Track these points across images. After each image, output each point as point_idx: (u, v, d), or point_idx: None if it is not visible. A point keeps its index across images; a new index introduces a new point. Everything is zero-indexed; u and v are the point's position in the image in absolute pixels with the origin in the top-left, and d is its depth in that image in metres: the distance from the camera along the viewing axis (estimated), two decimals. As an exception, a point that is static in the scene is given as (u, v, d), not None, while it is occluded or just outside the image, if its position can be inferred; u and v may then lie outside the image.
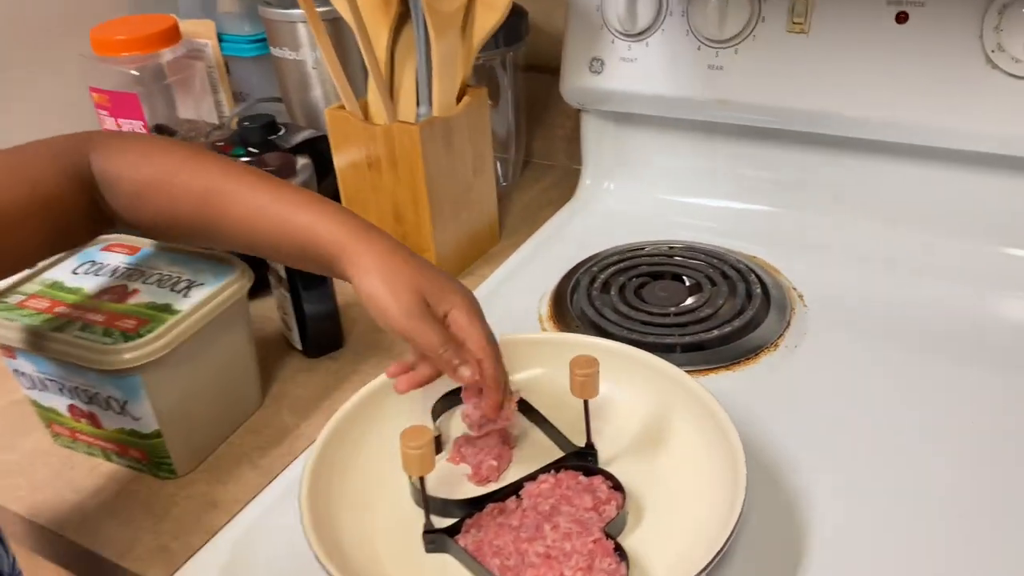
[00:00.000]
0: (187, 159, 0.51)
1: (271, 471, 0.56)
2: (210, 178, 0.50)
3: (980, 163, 0.67)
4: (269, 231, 0.50)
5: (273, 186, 0.51)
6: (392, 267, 0.48)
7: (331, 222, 0.49)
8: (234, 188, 0.50)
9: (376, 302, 0.48)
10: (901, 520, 0.49)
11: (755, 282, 0.69)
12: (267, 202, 0.50)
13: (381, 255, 0.48)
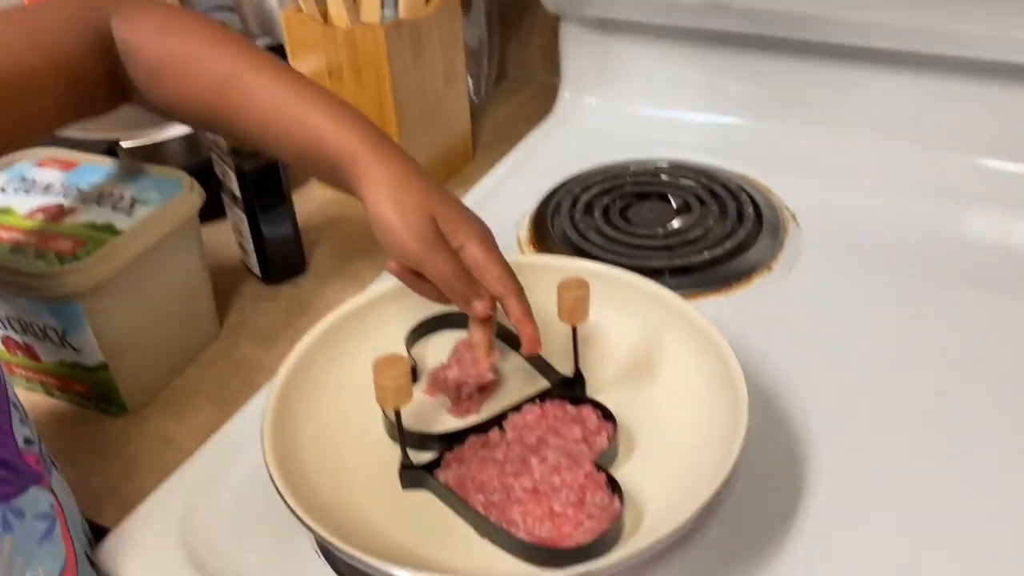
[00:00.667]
0: (210, 40, 0.46)
1: (231, 406, 0.51)
2: (232, 65, 0.46)
3: (978, 72, 0.63)
4: (284, 130, 0.45)
5: (294, 81, 0.46)
6: (406, 188, 0.43)
7: (349, 130, 0.45)
8: (254, 79, 0.45)
9: (384, 222, 0.43)
10: (903, 443, 0.46)
11: (746, 201, 0.65)
12: (287, 99, 0.45)
13: (395, 175, 0.44)
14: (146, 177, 0.52)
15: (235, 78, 0.46)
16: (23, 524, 0.37)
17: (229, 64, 0.46)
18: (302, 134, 0.45)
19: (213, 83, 0.46)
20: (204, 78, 0.46)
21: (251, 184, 0.57)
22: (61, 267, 0.45)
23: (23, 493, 0.37)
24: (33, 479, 0.38)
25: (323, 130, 0.45)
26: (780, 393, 0.50)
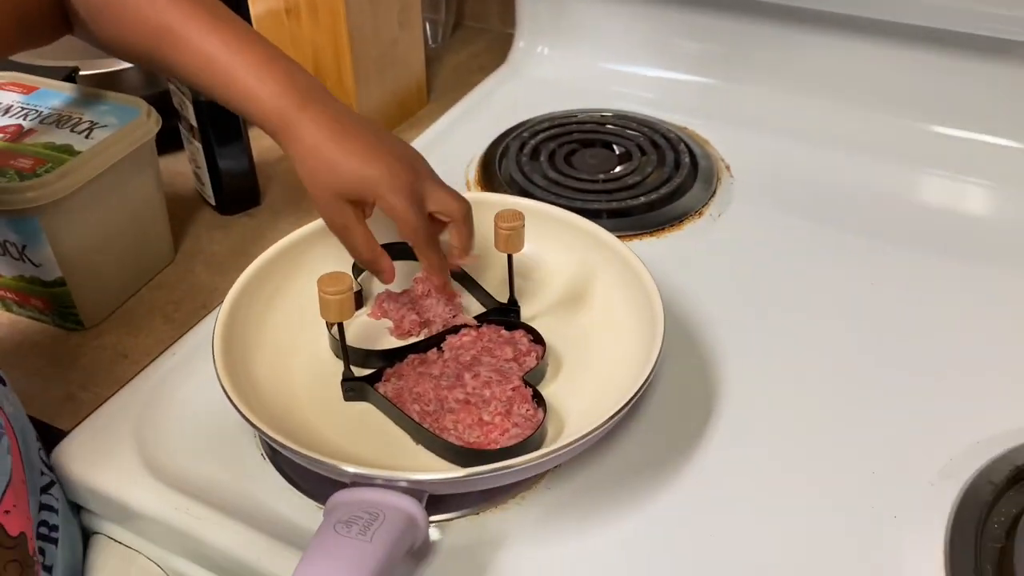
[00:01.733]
0: None
1: (185, 324, 0.54)
2: (165, 16, 0.47)
3: (912, 37, 0.67)
4: (214, 84, 0.47)
5: (225, 32, 0.47)
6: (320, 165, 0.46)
7: (272, 87, 0.46)
8: (186, 32, 0.47)
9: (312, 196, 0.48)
10: (804, 374, 0.51)
11: (684, 152, 0.69)
12: (215, 53, 0.46)
13: (318, 146, 0.46)
14: (105, 103, 0.54)
15: (168, 30, 0.47)
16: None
17: (164, 14, 0.47)
18: (231, 90, 0.47)
19: (147, 32, 0.48)
20: (139, 26, 0.48)
21: (207, 116, 0.59)
22: (21, 183, 0.47)
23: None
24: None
25: (250, 89, 0.47)
26: (699, 324, 0.54)
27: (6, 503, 0.41)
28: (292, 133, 0.47)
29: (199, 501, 0.43)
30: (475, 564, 0.41)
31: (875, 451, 0.46)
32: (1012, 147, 0.66)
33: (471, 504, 0.43)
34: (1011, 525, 0.42)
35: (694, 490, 0.44)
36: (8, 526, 0.41)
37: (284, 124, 0.47)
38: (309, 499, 0.44)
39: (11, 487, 0.41)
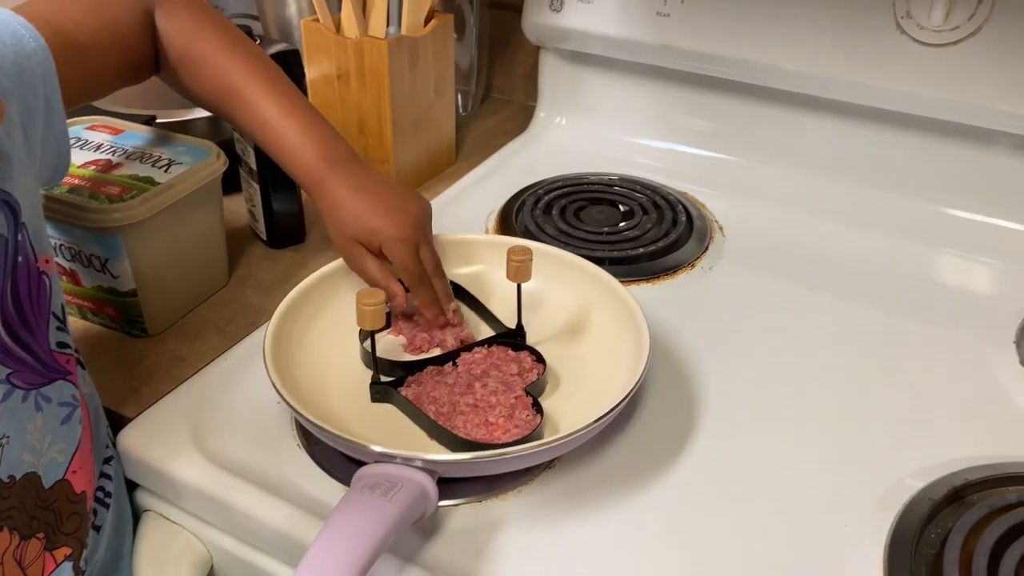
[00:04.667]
0: (227, 49, 0.58)
1: (235, 337, 0.62)
2: (235, 78, 0.57)
3: (891, 121, 0.75)
4: (266, 140, 0.58)
5: (279, 97, 0.58)
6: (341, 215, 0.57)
7: (311, 150, 0.57)
8: (250, 95, 0.57)
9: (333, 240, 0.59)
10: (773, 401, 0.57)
11: (681, 211, 0.77)
12: (268, 115, 0.57)
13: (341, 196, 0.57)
14: (181, 144, 0.64)
15: (233, 90, 0.58)
16: (50, 407, 0.47)
17: (234, 77, 0.58)
18: (280, 148, 0.58)
19: (217, 88, 0.58)
20: (210, 82, 0.58)
21: (267, 162, 0.68)
22: (110, 205, 0.56)
23: (50, 384, 0.47)
24: (60, 374, 0.48)
25: (296, 149, 0.57)
26: (685, 357, 0.61)
27: (74, 464, 0.48)
28: (321, 189, 0.57)
29: (241, 478, 0.51)
30: (476, 544, 0.47)
31: (833, 469, 0.53)
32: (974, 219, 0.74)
33: (475, 493, 0.50)
34: (945, 536, 0.48)
35: (671, 492, 0.51)
36: (74, 483, 0.48)
37: (316, 181, 0.57)
38: (336, 481, 0.51)
39: (79, 452, 0.49)
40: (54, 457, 0.47)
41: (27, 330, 0.45)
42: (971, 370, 0.61)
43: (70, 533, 0.48)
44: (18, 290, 0.45)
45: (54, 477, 0.47)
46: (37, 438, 0.46)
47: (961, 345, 0.63)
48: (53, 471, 0.47)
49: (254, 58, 0.59)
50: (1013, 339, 0.63)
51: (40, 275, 0.46)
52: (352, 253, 0.57)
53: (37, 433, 0.46)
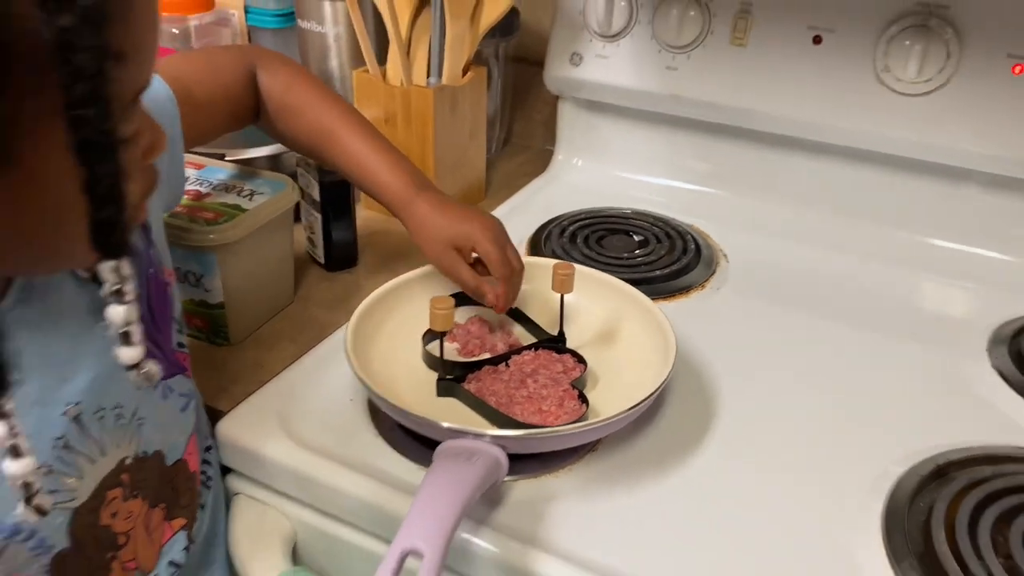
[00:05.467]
0: (319, 100, 0.68)
1: (306, 346, 0.70)
2: (329, 120, 0.67)
3: (874, 161, 0.86)
4: (359, 173, 0.68)
5: (371, 138, 0.68)
6: (431, 224, 0.66)
7: (400, 187, 0.67)
8: (342, 135, 0.67)
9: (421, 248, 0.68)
10: (779, 402, 0.66)
11: (690, 240, 0.86)
12: (364, 153, 0.67)
13: (427, 214, 0.66)
14: (258, 178, 0.72)
15: (331, 132, 0.68)
16: (172, 397, 0.55)
17: (329, 119, 0.68)
18: (372, 179, 0.68)
19: (314, 132, 0.68)
20: (309, 128, 0.68)
21: (328, 196, 0.77)
22: (207, 227, 0.65)
23: (173, 377, 0.55)
24: (180, 370, 0.56)
25: (386, 181, 0.67)
26: (700, 364, 0.70)
27: (189, 448, 0.56)
28: (410, 210, 0.66)
29: (325, 458, 0.58)
30: (534, 511, 0.55)
31: (832, 454, 0.61)
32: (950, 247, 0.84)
33: (532, 471, 0.58)
34: (931, 504, 0.57)
35: (696, 472, 0.59)
36: (189, 464, 0.56)
37: (405, 204, 0.67)
38: (409, 461, 0.59)
39: (192, 437, 0.57)
40: (176, 440, 0.55)
41: (157, 331, 0.54)
42: (949, 375, 0.70)
43: (185, 507, 0.56)
44: (150, 297, 0.53)
45: (174, 457, 0.55)
46: (164, 422, 0.54)
47: (939, 355, 0.72)
48: (174, 452, 0.55)
49: (342, 106, 0.69)
50: (985, 348, 0.73)
51: (165, 285, 0.55)
52: (447, 258, 0.65)
53: (164, 418, 0.54)
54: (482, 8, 0.86)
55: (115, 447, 0.50)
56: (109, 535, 0.51)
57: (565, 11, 0.94)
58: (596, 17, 0.91)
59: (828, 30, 0.83)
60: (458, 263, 0.66)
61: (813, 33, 0.83)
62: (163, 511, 0.54)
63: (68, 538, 0.48)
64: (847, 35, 0.82)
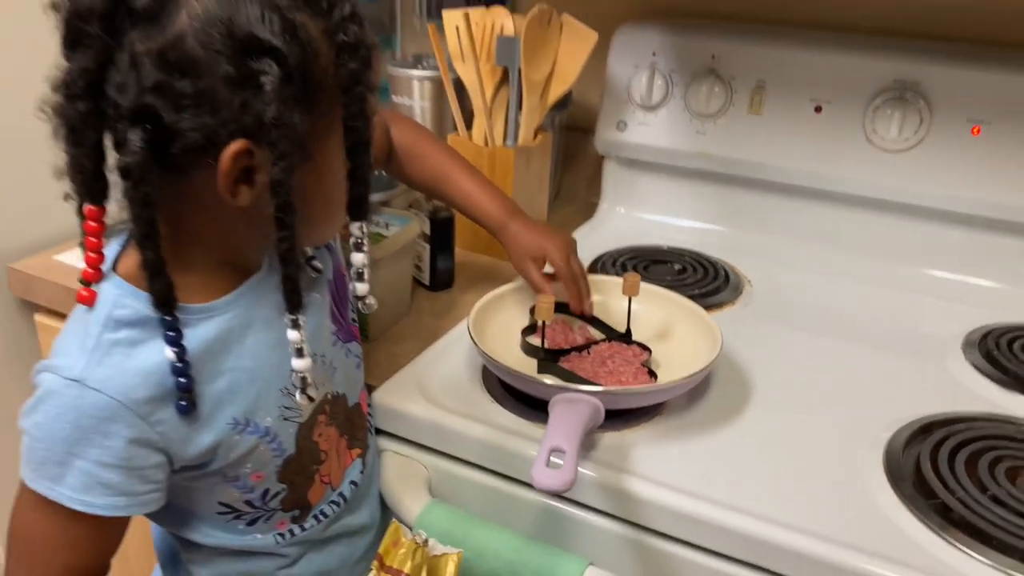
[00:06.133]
0: (436, 148, 0.90)
1: (427, 342, 0.89)
2: (443, 164, 0.88)
3: (868, 205, 1.06)
4: (467, 203, 0.89)
5: (476, 177, 0.89)
6: (521, 239, 0.86)
7: (500, 212, 0.88)
8: (454, 175, 0.88)
9: (510, 257, 0.88)
10: (799, 386, 0.85)
11: (720, 269, 1.06)
12: (471, 189, 0.88)
13: (518, 230, 0.87)
14: (388, 214, 0.93)
15: (446, 173, 0.89)
16: (351, 356, 0.74)
17: (443, 163, 0.89)
18: (478, 209, 0.89)
19: (434, 173, 0.89)
20: (430, 170, 0.89)
21: (437, 230, 0.98)
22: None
23: (350, 342, 0.74)
24: (354, 338, 0.75)
25: (489, 210, 0.88)
26: (736, 358, 0.89)
27: (362, 396, 0.76)
28: (505, 230, 0.87)
29: (452, 413, 0.77)
30: (621, 453, 0.74)
31: (845, 419, 0.80)
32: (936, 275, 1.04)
33: (615, 427, 0.76)
34: (919, 448, 0.75)
35: (736, 431, 0.78)
36: (363, 407, 0.75)
37: (501, 225, 0.87)
38: (514, 415, 0.77)
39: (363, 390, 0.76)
40: (353, 388, 0.74)
41: (342, 307, 0.73)
42: (931, 369, 0.89)
43: (360, 440, 0.75)
44: (337, 281, 0.73)
45: (353, 401, 0.74)
46: (347, 373, 0.73)
47: (924, 357, 0.91)
48: (353, 397, 0.74)
49: (453, 153, 0.91)
50: (960, 346, 0.92)
51: (343, 275, 0.75)
52: (527, 266, 0.86)
53: (347, 370, 0.73)
54: (549, 86, 1.08)
55: (321, 384, 0.69)
56: (316, 450, 0.69)
57: (613, 88, 1.16)
58: (639, 92, 1.13)
59: (827, 101, 1.05)
60: (532, 269, 0.86)
61: (815, 104, 1.05)
62: (347, 440, 0.73)
63: (294, 445, 0.67)
64: (841, 105, 1.04)
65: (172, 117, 0.53)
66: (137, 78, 0.52)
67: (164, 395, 0.59)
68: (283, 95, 0.53)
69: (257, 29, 0.52)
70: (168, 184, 0.56)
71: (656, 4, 1.22)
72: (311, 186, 0.58)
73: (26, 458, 0.60)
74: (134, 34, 0.53)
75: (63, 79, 0.55)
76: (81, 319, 0.60)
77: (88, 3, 0.52)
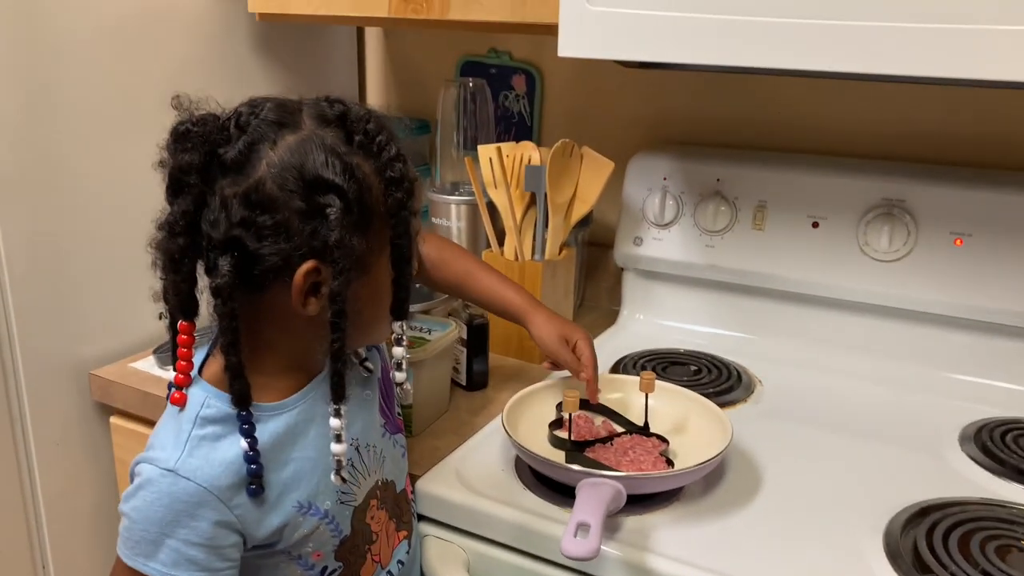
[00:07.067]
0: (459, 255, 1.02)
1: (464, 437, 0.98)
2: (466, 266, 1.00)
3: (864, 310, 1.16)
4: (492, 297, 1.00)
5: (497, 275, 1.01)
6: (549, 326, 0.97)
7: (523, 302, 0.99)
8: (480, 274, 1.00)
9: (541, 341, 0.97)
10: (805, 479, 0.93)
11: (733, 370, 1.16)
12: (494, 284, 0.99)
13: (544, 319, 0.97)
14: (427, 320, 1.04)
15: (470, 274, 1.01)
16: (397, 447, 0.84)
17: (467, 267, 1.01)
18: (502, 302, 0.99)
19: (460, 274, 1.01)
20: (456, 273, 1.01)
21: (473, 337, 1.08)
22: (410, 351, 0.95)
23: (396, 434, 0.84)
24: (400, 431, 0.85)
25: (512, 301, 0.99)
26: (748, 450, 0.97)
27: (407, 484, 0.85)
28: (531, 317, 0.98)
29: (489, 499, 0.86)
30: (642, 535, 0.81)
31: (850, 503, 0.87)
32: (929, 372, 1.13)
33: (637, 512, 0.84)
34: (916, 529, 0.82)
35: (749, 515, 0.85)
36: (408, 493, 0.84)
37: (527, 314, 0.98)
38: (545, 501, 0.85)
39: (408, 477, 0.85)
40: (399, 476, 0.83)
41: (389, 403, 0.83)
42: (929, 460, 0.96)
43: (406, 523, 0.83)
44: (384, 381, 0.83)
45: (400, 487, 0.83)
46: (394, 462, 0.82)
47: (923, 449, 0.98)
48: (399, 483, 0.83)
49: (474, 257, 1.03)
50: (956, 439, 1.00)
51: (389, 373, 0.85)
52: (559, 347, 0.95)
53: (394, 459, 0.82)
54: (573, 207, 1.21)
55: (373, 472, 0.78)
56: (369, 531, 0.78)
57: (629, 208, 1.29)
58: (653, 212, 1.26)
59: (823, 218, 1.16)
60: (564, 349, 0.96)
61: (812, 220, 1.17)
62: (395, 523, 0.82)
63: (350, 526, 0.75)
64: (836, 221, 1.15)
65: (255, 245, 0.66)
66: (227, 216, 0.66)
67: (242, 482, 0.69)
68: (344, 222, 0.66)
69: (323, 171, 0.66)
70: (248, 300, 0.68)
71: (666, 134, 1.37)
72: (365, 296, 0.70)
73: (123, 537, 0.69)
74: (223, 181, 0.66)
75: (166, 220, 0.68)
76: (174, 417, 0.71)
77: (188, 159, 0.66)
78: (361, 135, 0.68)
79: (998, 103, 1.15)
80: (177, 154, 0.66)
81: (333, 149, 0.66)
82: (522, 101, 1.48)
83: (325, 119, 0.68)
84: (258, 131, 0.66)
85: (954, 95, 1.17)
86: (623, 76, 1.37)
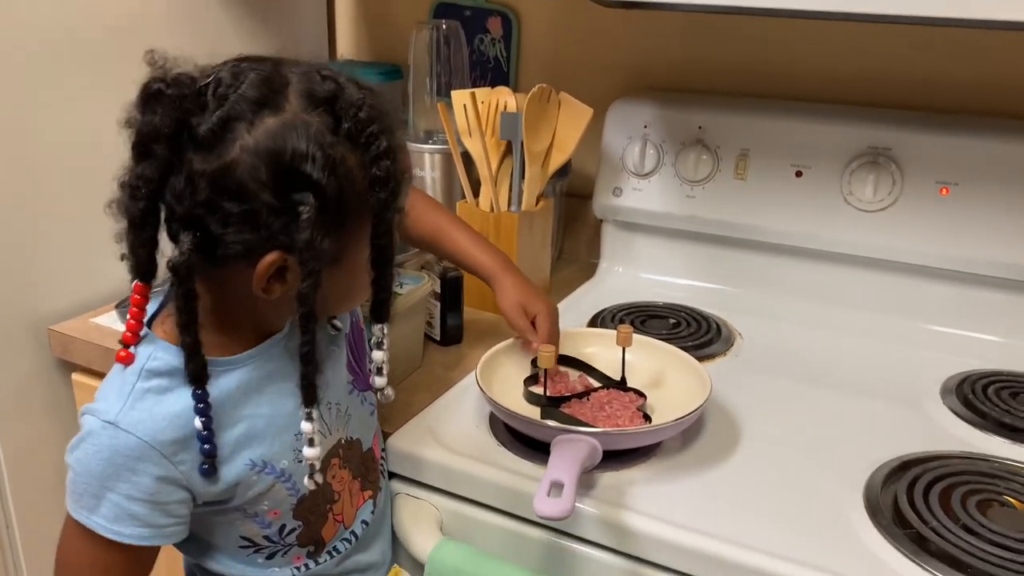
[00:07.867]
0: (433, 208, 0.98)
1: (436, 393, 0.96)
2: (440, 222, 0.97)
3: (847, 261, 1.14)
4: (463, 256, 0.97)
5: (470, 232, 0.97)
6: (512, 293, 0.94)
7: (493, 265, 0.96)
8: (451, 231, 0.96)
9: (500, 308, 0.94)
10: (785, 429, 0.91)
11: (712, 323, 1.13)
12: (466, 241, 0.96)
13: (510, 285, 0.94)
14: (402, 274, 1.00)
15: (443, 229, 0.97)
16: (366, 404, 0.81)
17: (440, 221, 0.97)
18: (472, 260, 0.96)
19: (432, 229, 0.97)
20: (428, 227, 0.97)
21: (447, 291, 1.05)
22: (376, 305, 0.92)
23: (366, 391, 0.81)
24: (369, 388, 0.82)
25: (483, 261, 0.96)
26: (726, 403, 0.95)
27: (374, 443, 0.82)
28: (497, 280, 0.95)
29: (463, 456, 0.83)
30: (618, 491, 0.79)
31: (831, 455, 0.86)
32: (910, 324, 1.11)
33: (614, 468, 0.82)
34: (896, 483, 0.81)
35: (727, 470, 0.84)
36: (375, 453, 0.81)
37: (494, 276, 0.95)
38: (519, 458, 0.83)
39: (376, 436, 0.82)
40: (367, 434, 0.80)
41: (359, 358, 0.80)
42: (911, 413, 0.95)
43: (372, 483, 0.81)
44: (354, 335, 0.80)
45: (367, 446, 0.80)
46: (361, 420, 0.79)
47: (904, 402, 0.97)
48: (366, 442, 0.80)
49: (446, 212, 1.00)
50: (938, 392, 0.98)
51: (361, 330, 0.82)
52: (517, 314, 0.93)
53: (361, 417, 0.79)
54: (550, 156, 1.17)
55: (336, 430, 0.76)
56: (330, 490, 0.75)
57: (609, 157, 1.25)
58: (632, 161, 1.22)
59: (806, 167, 1.13)
60: (519, 316, 0.93)
61: (795, 169, 1.14)
62: (359, 483, 0.79)
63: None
64: (820, 170, 1.12)
65: (218, 229, 0.62)
66: (192, 192, 0.61)
67: (188, 437, 0.66)
68: (318, 222, 0.61)
69: (301, 165, 0.60)
70: (210, 271, 0.65)
71: (646, 81, 1.32)
72: (335, 285, 0.66)
73: (69, 489, 0.67)
74: (193, 155, 0.61)
75: (128, 181, 0.63)
76: (120, 369, 0.68)
77: (157, 123, 0.61)
78: (351, 123, 0.62)
79: (987, 47, 1.11)
80: (146, 115, 0.61)
81: (316, 139, 0.60)
82: (498, 45, 1.43)
83: (313, 98, 0.62)
84: (236, 108, 0.60)
85: (941, 39, 1.13)
86: (603, 19, 1.32)
